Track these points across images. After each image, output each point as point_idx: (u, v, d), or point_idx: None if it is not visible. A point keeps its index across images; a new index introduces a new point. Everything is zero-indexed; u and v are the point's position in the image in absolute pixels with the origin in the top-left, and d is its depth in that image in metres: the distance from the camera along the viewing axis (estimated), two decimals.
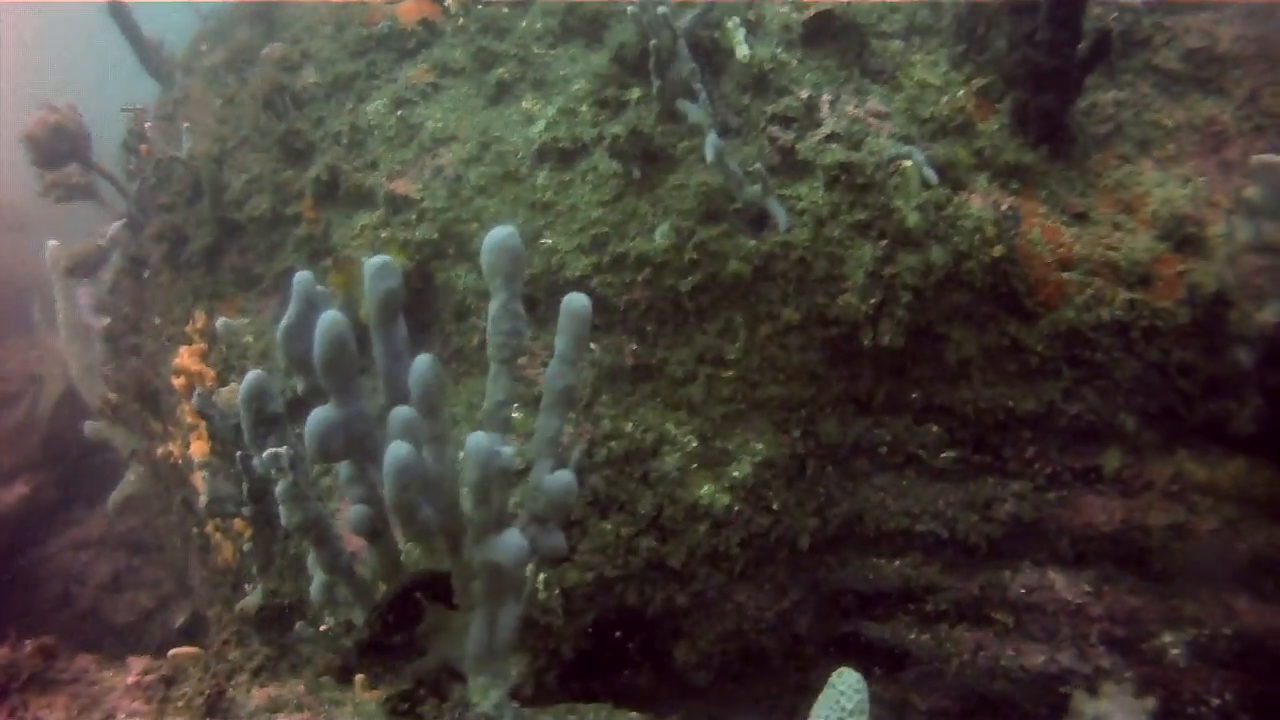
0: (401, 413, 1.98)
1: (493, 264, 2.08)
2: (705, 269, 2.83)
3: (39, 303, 6.47)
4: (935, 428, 2.96)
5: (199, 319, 3.73)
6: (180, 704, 2.30)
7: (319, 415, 2.00)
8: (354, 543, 2.53)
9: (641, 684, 2.97)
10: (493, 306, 2.12)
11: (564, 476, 2.14)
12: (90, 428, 5.18)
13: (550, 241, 2.88)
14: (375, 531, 2.24)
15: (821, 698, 2.37)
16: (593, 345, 2.89)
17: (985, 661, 3.00)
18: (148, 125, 4.26)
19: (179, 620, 5.25)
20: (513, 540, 2.02)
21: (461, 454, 2.07)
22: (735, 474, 2.84)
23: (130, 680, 2.39)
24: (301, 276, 2.08)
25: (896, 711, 3.14)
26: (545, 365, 2.81)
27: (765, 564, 2.90)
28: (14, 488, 5.74)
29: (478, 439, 1.93)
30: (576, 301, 2.12)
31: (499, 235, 2.06)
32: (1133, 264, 2.93)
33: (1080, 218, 3.04)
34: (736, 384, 2.88)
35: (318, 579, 2.35)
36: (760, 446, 2.87)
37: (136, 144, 4.41)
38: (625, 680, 2.95)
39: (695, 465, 2.85)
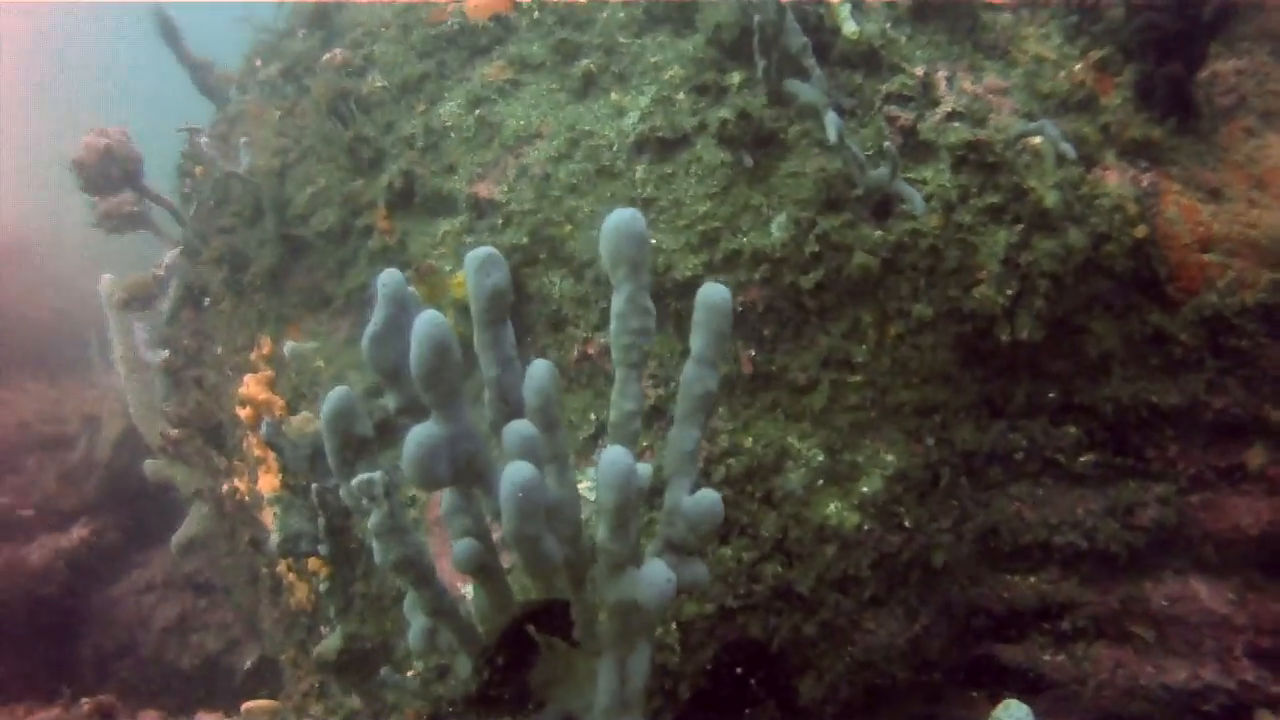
0: (520, 428, 1.61)
1: (615, 251, 1.72)
2: (828, 263, 2.47)
3: (96, 342, 6.15)
4: (1073, 429, 2.69)
5: (265, 345, 3.39)
6: None
7: (421, 433, 1.63)
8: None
9: None
10: (617, 302, 1.76)
11: (709, 496, 1.76)
12: (150, 467, 4.84)
13: (654, 240, 2.51)
14: (485, 568, 1.86)
15: None
16: None
17: (1124, 680, 2.71)
18: (204, 143, 3.92)
19: (247, 663, 4.89)
20: (657, 574, 1.64)
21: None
22: (865, 489, 2.48)
23: None
24: (389, 276, 1.72)
25: None
26: (654, 378, 2.48)
27: (897, 586, 2.55)
28: (73, 531, 5.38)
29: (614, 455, 1.56)
30: (715, 293, 1.75)
31: (620, 218, 1.70)
32: (1273, 242, 2.59)
33: (1214, 194, 2.69)
34: (865, 390, 2.53)
35: (417, 624, 1.98)
36: (890, 458, 2.51)
37: (191, 166, 4.08)
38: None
39: (821, 481, 2.49)
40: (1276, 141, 2.92)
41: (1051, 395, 2.66)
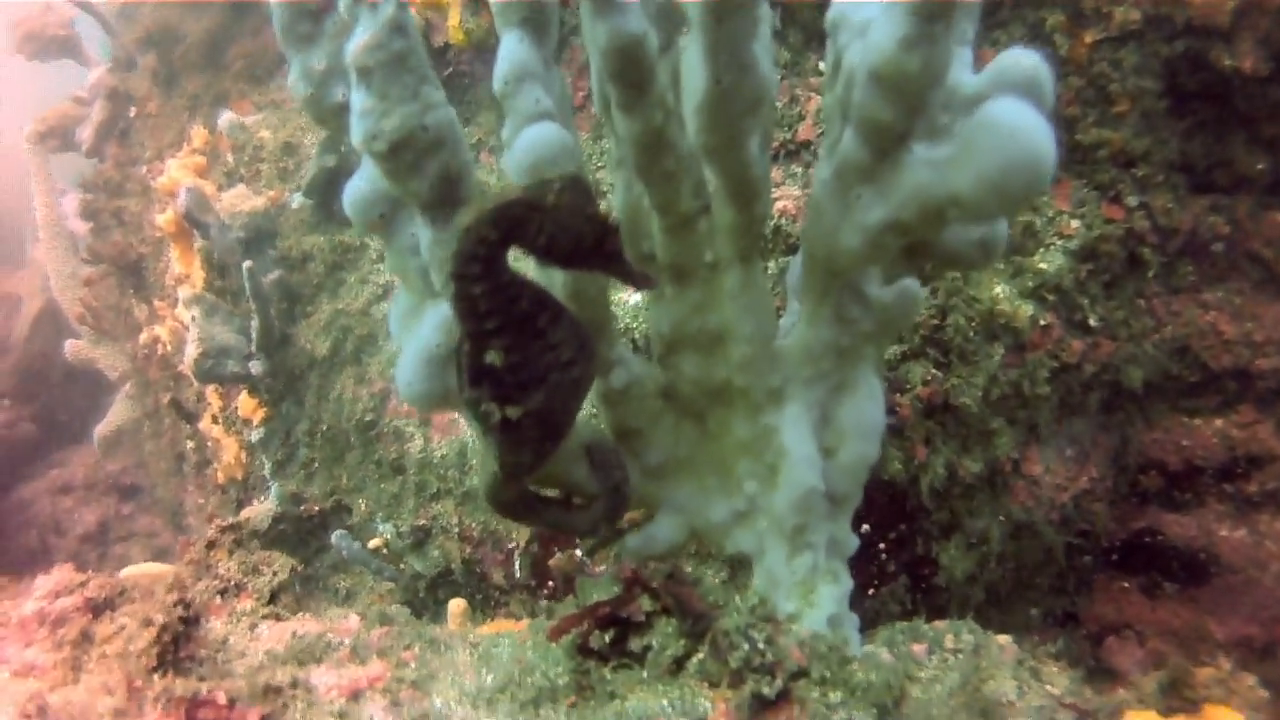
0: None
1: None
2: None
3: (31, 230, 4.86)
4: None
5: (196, 138, 2.27)
6: (110, 649, 0.78)
7: None
8: None
9: (893, 611, 1.58)
10: None
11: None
12: (72, 348, 3.66)
13: None
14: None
15: None
16: None
17: None
18: None
19: None
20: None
21: None
22: (1044, 266, 1.49)
23: (28, 611, 0.85)
24: None
25: (1184, 644, 1.84)
26: None
27: (1072, 414, 1.56)
28: None
29: None
30: None
31: None
32: None
33: None
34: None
35: (419, 337, 0.87)
36: (1077, 224, 1.51)
37: None
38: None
39: None
40: None
41: (1261, 166, 1.75)
